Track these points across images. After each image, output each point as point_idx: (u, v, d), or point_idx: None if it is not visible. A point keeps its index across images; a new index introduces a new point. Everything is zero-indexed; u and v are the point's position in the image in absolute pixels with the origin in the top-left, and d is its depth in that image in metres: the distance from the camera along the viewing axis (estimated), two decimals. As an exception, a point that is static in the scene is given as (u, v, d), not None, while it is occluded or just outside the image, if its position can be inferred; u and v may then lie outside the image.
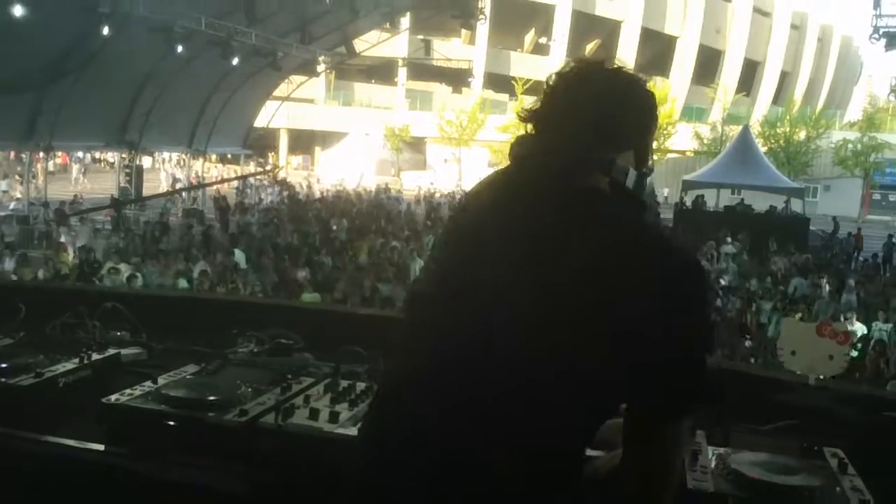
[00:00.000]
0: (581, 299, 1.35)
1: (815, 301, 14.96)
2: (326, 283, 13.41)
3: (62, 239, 17.57)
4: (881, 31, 23.75)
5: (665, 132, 42.33)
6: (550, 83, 1.56)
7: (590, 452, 1.67)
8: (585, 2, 52.05)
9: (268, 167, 40.96)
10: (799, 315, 12.15)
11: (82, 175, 39.14)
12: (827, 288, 15.69)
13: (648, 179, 1.54)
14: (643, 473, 1.44)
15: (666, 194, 36.13)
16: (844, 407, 2.52)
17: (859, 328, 13.01)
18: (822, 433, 2.27)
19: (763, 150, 33.88)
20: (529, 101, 1.65)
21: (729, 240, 21.22)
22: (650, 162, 1.58)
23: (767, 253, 20.24)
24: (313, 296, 12.17)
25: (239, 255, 14.68)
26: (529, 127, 1.57)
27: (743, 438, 2.19)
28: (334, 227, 20.40)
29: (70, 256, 15.07)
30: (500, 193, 1.55)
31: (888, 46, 23.62)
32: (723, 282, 15.70)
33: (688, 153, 44.91)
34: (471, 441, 1.37)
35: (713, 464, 1.89)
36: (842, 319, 13.61)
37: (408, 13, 31.32)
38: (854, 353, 11.30)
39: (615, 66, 1.56)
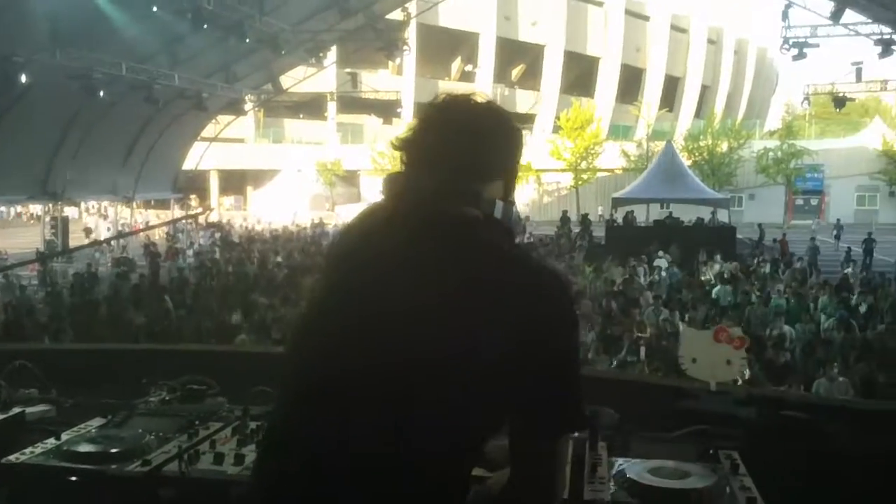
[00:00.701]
0: (461, 323, 1.42)
1: (745, 308, 15.34)
2: (263, 325, 13.24)
3: (-15, 296, 17.02)
4: (790, 41, 24.72)
5: (593, 151, 43.30)
6: (422, 115, 1.63)
7: (484, 473, 1.72)
8: (508, 28, 52.98)
9: (197, 210, 40.36)
10: (730, 323, 12.43)
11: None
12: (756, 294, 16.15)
13: (515, 209, 1.62)
14: (527, 489, 1.49)
15: (601, 212, 36.78)
16: (744, 409, 2.63)
17: (788, 331, 13.41)
18: (724, 436, 2.36)
19: (688, 163, 34.88)
20: None
21: (661, 253, 21.70)
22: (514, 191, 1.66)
23: (697, 263, 20.73)
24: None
25: (169, 303, 14.41)
26: (402, 156, 1.62)
27: (646, 447, 2.27)
28: (270, 267, 20.22)
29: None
30: (375, 228, 1.60)
31: (797, 57, 24.57)
32: (651, 294, 16.01)
33: (616, 171, 45.86)
34: (359, 470, 1.41)
35: (611, 474, 1.96)
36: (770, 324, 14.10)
37: (333, 47, 31.42)
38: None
39: (483, 99, 1.62)
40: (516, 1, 53.04)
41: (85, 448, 2.04)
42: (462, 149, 1.57)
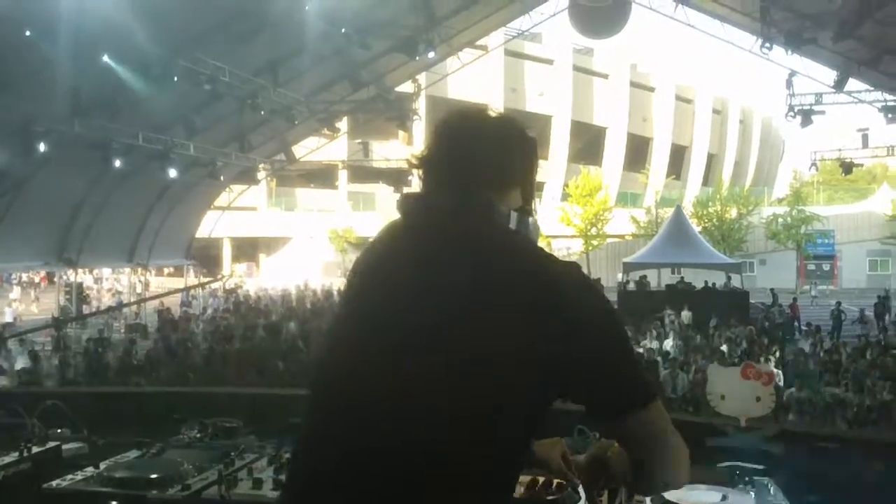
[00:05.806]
0: (498, 331, 1.41)
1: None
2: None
3: (-1, 362, 17.01)
4: (796, 109, 25.00)
5: (602, 218, 43.50)
6: (435, 128, 1.65)
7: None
8: (516, 99, 53.85)
9: (211, 278, 40.54)
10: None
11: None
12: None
13: (531, 219, 1.62)
14: (644, 465, 1.52)
15: (620, 278, 36.74)
16: (776, 445, 2.62)
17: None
18: (756, 471, 2.36)
19: (697, 229, 34.95)
20: None
21: (673, 317, 21.62)
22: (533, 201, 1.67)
23: (708, 328, 20.63)
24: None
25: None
26: (419, 174, 1.64)
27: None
28: (284, 332, 20.21)
29: (8, 381, 14.57)
30: (396, 245, 1.61)
31: (803, 124, 24.83)
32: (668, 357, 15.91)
33: (626, 237, 46.05)
34: (394, 485, 1.40)
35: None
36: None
37: (344, 118, 31.96)
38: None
39: (495, 112, 1.65)
40: (523, 73, 54.13)
41: (124, 474, 2.06)
42: (478, 158, 1.58)
